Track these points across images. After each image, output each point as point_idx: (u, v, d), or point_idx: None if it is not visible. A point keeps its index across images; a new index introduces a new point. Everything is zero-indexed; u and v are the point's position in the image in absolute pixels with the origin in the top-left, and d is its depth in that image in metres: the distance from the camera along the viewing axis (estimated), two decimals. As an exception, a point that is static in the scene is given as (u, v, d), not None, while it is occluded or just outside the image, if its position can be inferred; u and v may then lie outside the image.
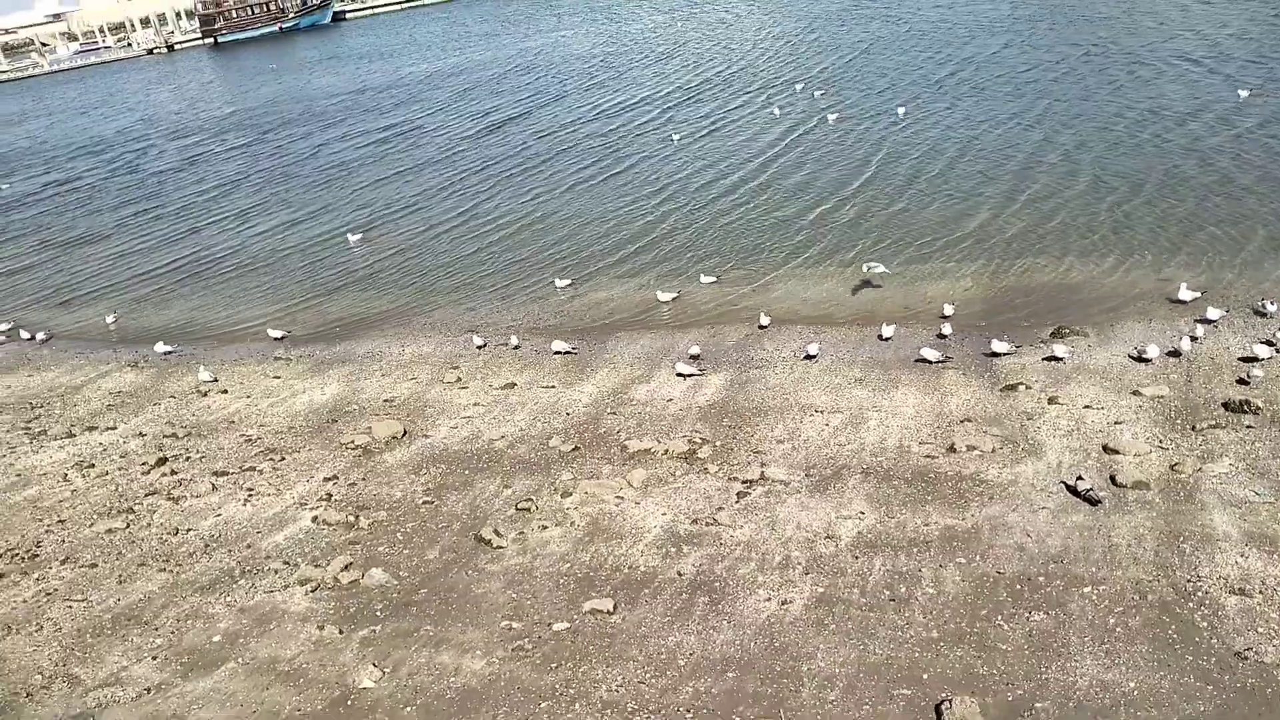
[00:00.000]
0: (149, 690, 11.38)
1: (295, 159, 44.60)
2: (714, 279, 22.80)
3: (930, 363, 16.84)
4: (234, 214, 36.49)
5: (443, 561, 13.18)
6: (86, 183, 47.63)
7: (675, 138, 34.88)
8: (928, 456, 13.84)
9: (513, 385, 18.90)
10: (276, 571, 13.49)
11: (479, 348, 21.09)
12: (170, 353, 23.75)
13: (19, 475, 18.01)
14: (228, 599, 13.02)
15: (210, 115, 63.97)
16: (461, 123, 46.32)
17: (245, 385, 21.03)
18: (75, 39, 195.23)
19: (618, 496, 14.11)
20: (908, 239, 23.22)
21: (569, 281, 24.14)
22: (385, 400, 19.13)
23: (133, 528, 15.34)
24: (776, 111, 36.47)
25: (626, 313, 22.13)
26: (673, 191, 29.92)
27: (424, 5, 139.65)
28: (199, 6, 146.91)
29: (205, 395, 20.73)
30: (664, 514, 13.48)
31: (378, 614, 12.23)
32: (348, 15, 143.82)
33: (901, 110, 33.46)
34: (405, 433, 17.39)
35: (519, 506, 14.20)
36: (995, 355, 16.69)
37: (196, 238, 34.17)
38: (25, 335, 26.66)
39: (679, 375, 18.03)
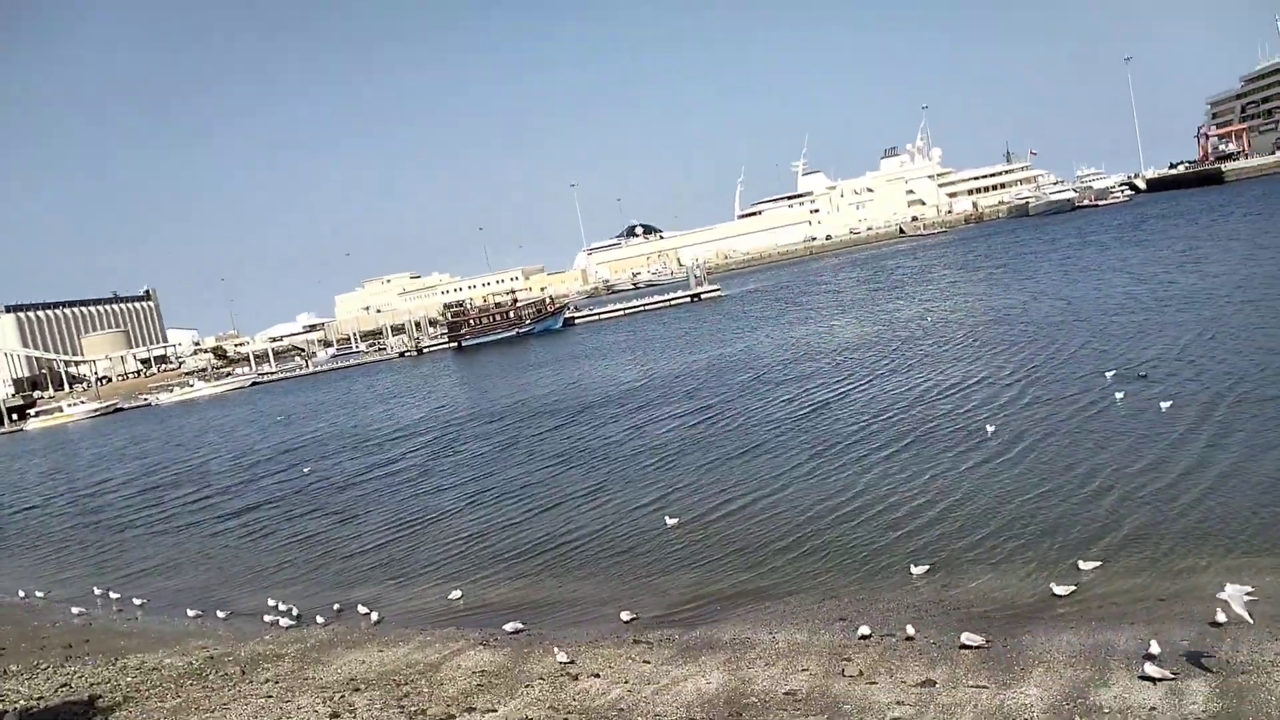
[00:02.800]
0: None
1: (603, 443, 45.41)
2: (1099, 563, 20.64)
3: None
4: (556, 495, 36.82)
5: None
6: (408, 465, 50.50)
7: (989, 429, 33.04)
8: None
9: (931, 683, 16.79)
10: None
11: (863, 638, 19.29)
12: (520, 631, 23.18)
13: (414, 758, 17.10)
14: None
15: (501, 404, 68.01)
16: (761, 409, 46.20)
17: (615, 669, 19.87)
18: (329, 344, 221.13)
19: (1168, 830, 11.52)
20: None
21: (926, 568, 22.36)
22: (785, 693, 17.36)
23: (563, 828, 13.83)
24: (1118, 397, 34.00)
25: (1018, 605, 19.83)
26: (1014, 475, 28.03)
27: (646, 311, 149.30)
28: (447, 315, 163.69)
29: (576, 679, 19.66)
30: None
31: None
32: (577, 321, 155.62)
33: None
34: (833, 733, 15.50)
35: (1037, 834, 11.80)
36: None
37: (526, 519, 34.32)
38: (363, 611, 26.95)
39: (1145, 679, 15.50)
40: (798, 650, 19.44)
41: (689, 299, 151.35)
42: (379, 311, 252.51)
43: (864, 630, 19.51)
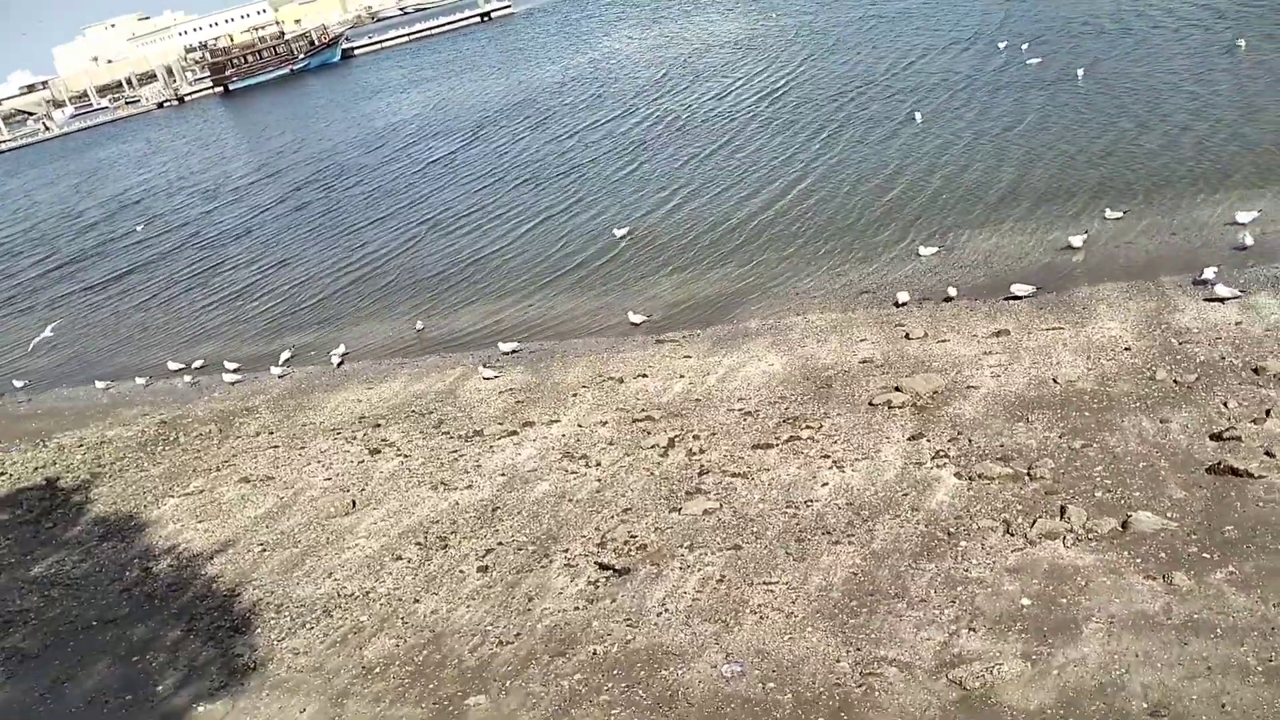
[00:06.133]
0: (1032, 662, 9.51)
1: (532, 158, 41.86)
2: (1121, 214, 21.11)
3: None
4: (508, 216, 34.00)
5: (1201, 499, 11.29)
6: (297, 205, 45.47)
7: (918, 116, 32.09)
8: None
9: (1005, 332, 17.06)
10: (994, 530, 11.62)
11: (900, 305, 19.29)
12: (518, 351, 21.80)
13: (503, 475, 16.07)
14: (974, 562, 11.13)
15: (358, 133, 62.04)
16: (698, 105, 43.37)
17: (658, 368, 19.10)
18: (62, 105, 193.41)
19: (1333, 414, 12.35)
20: None
21: (934, 249, 21.83)
22: (862, 361, 17.24)
23: (727, 509, 13.44)
24: (1033, 62, 34.31)
25: (1041, 262, 19.99)
26: (970, 154, 27.82)
27: (434, 35, 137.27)
28: (206, 56, 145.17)
29: (622, 382, 18.83)
30: None
31: (1205, 556, 10.36)
32: (356, 52, 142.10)
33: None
34: (947, 387, 15.59)
35: (1218, 436, 12.38)
36: None
37: (463, 241, 32.07)
38: (328, 354, 24.50)
39: (1213, 300, 16.30)
40: (841, 326, 19.22)
41: (479, 19, 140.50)
42: (110, 62, 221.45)
43: (902, 297, 19.47)
